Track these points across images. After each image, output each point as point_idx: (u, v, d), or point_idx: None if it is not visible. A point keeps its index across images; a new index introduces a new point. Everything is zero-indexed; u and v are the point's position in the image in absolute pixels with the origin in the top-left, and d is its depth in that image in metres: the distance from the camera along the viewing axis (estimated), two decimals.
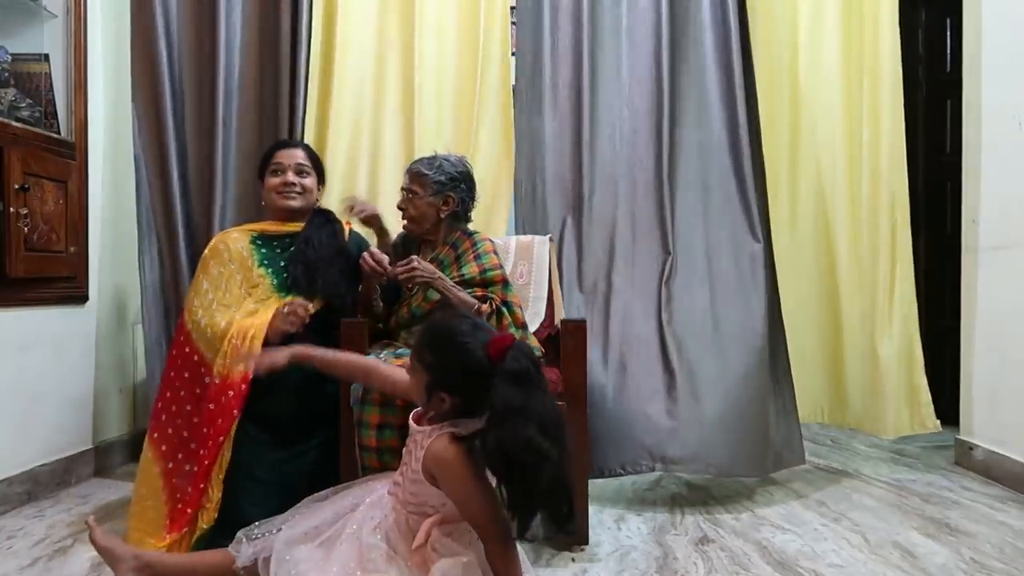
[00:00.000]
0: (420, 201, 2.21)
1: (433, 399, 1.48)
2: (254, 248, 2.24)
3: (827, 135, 2.99)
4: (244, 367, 1.95)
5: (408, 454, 1.55)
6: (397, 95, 2.88)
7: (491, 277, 2.18)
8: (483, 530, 1.43)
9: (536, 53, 2.75)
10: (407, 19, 2.86)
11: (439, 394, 1.47)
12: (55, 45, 2.60)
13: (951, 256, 3.14)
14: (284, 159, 2.30)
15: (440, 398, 1.47)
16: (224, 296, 2.16)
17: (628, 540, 2.11)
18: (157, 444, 2.08)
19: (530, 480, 1.32)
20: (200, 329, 2.10)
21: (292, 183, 2.28)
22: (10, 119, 2.36)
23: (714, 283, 2.58)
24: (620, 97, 2.71)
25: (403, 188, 2.25)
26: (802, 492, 2.56)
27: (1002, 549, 2.01)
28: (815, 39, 3.01)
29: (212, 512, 1.90)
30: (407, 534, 1.48)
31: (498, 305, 2.13)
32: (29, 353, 2.44)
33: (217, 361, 2.02)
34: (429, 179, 2.20)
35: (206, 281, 2.18)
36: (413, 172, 2.24)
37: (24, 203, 2.33)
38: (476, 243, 2.25)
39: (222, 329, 2.06)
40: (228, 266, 2.20)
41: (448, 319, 1.57)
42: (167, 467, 2.04)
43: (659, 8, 2.70)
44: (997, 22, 2.75)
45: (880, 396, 2.86)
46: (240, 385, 1.97)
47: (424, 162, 2.25)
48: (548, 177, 2.71)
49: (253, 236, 2.27)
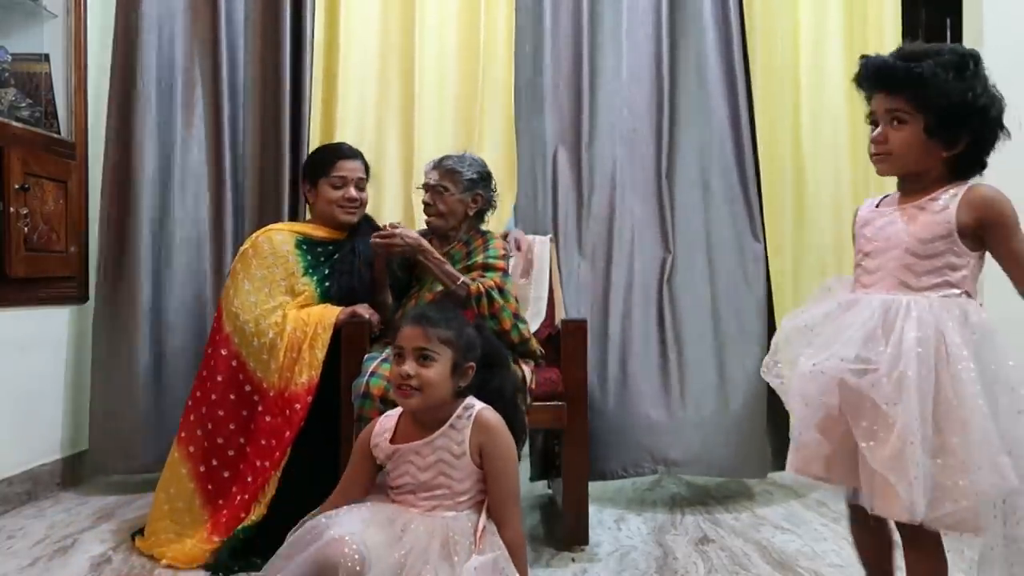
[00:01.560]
0: (451, 198, 2.20)
1: (459, 373, 1.50)
2: (299, 253, 2.21)
3: (830, 136, 2.99)
4: (307, 378, 1.99)
5: (426, 469, 1.49)
6: (398, 95, 2.87)
7: (492, 264, 2.17)
8: (509, 507, 1.46)
9: (536, 53, 2.75)
10: (408, 19, 2.86)
11: (468, 366, 1.51)
12: (55, 45, 2.60)
13: None
14: (347, 172, 2.26)
15: (468, 368, 1.51)
16: (267, 300, 2.13)
17: (628, 540, 2.11)
18: (185, 445, 2.08)
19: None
20: (245, 336, 2.09)
21: (355, 199, 2.27)
22: (10, 119, 2.36)
23: (715, 282, 2.58)
24: (620, 97, 2.71)
25: (431, 184, 2.21)
26: (802, 492, 2.56)
27: None
28: (818, 40, 3.00)
29: (263, 508, 1.92)
30: (469, 533, 1.46)
31: (489, 288, 2.08)
32: (29, 353, 2.44)
33: (271, 371, 2.03)
34: (462, 176, 2.20)
35: (247, 281, 2.15)
36: (445, 168, 2.21)
37: (24, 203, 2.33)
38: (488, 240, 2.25)
39: (270, 340, 2.05)
40: (272, 270, 2.17)
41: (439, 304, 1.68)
42: (199, 470, 2.05)
43: (659, 8, 2.70)
44: (997, 22, 2.74)
45: None
46: (305, 397, 1.99)
47: (455, 159, 2.24)
48: (548, 177, 2.71)
49: (299, 240, 2.24)
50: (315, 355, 2.03)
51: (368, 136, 2.85)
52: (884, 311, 1.25)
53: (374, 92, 2.86)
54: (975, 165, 1.32)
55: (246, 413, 2.06)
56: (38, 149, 2.42)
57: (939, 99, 1.24)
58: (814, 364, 1.26)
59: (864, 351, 1.22)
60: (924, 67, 1.25)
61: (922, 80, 1.24)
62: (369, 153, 2.83)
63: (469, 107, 2.84)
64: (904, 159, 1.29)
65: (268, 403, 2.02)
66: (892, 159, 1.30)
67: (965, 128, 1.26)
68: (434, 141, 2.79)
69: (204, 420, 2.07)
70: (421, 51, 2.84)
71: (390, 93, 2.87)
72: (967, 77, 1.27)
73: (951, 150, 1.27)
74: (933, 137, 1.26)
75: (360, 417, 1.91)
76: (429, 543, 1.43)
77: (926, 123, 1.25)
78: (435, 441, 1.49)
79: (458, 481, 1.48)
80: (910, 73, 1.25)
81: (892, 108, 1.27)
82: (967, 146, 1.28)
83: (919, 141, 1.27)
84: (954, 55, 1.29)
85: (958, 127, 1.25)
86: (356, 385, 1.94)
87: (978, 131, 1.27)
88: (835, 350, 1.24)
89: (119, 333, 2.54)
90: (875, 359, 1.21)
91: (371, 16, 2.86)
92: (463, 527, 1.45)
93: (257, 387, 2.06)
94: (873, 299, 1.29)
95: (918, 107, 1.25)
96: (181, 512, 2.02)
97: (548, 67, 2.73)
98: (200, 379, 2.12)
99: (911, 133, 1.26)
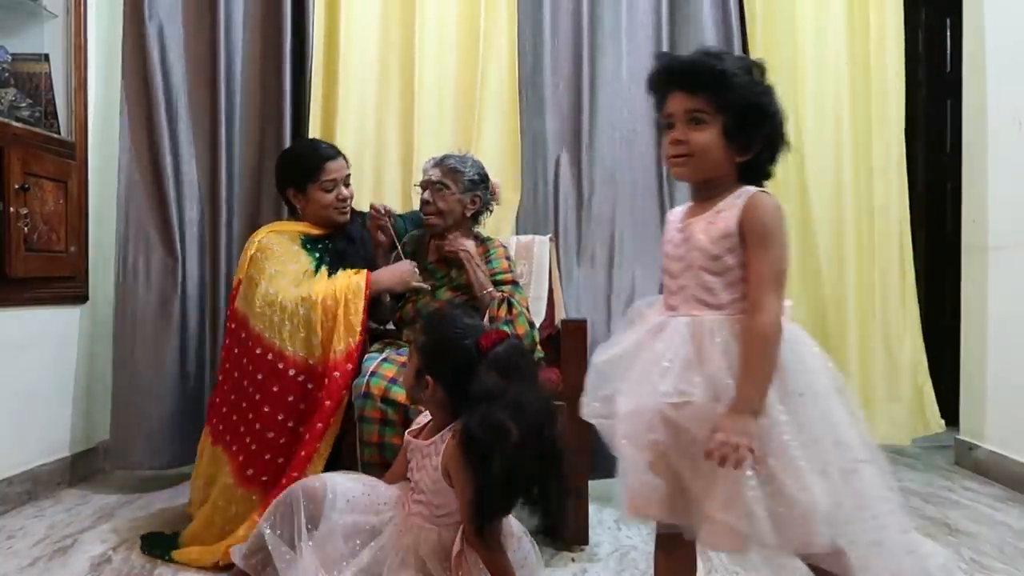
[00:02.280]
0: (451, 197, 2.20)
1: (420, 383, 1.49)
2: (307, 252, 2.22)
3: (831, 136, 2.99)
4: (345, 346, 1.97)
5: (419, 471, 1.53)
6: (398, 96, 2.87)
7: (501, 280, 2.19)
8: (469, 524, 1.42)
9: (536, 53, 2.75)
10: (408, 20, 2.85)
11: (426, 378, 1.48)
12: (55, 45, 2.59)
13: (951, 256, 3.14)
14: (336, 173, 2.25)
15: (426, 382, 1.48)
16: (287, 288, 2.07)
17: (628, 540, 2.11)
18: (221, 435, 2.04)
19: (492, 462, 1.33)
20: (274, 324, 2.01)
21: (347, 198, 2.27)
22: (10, 119, 2.36)
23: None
24: (620, 97, 2.71)
25: (432, 181, 2.21)
26: None
27: (1002, 549, 2.01)
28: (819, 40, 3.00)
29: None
30: (440, 551, 1.46)
31: (507, 296, 2.12)
32: (29, 353, 2.44)
33: (315, 346, 1.99)
34: (463, 176, 2.21)
35: (263, 281, 2.08)
36: (448, 167, 2.22)
37: (24, 203, 2.33)
38: (489, 249, 2.25)
39: (303, 316, 2.00)
40: (286, 264, 2.14)
41: (449, 309, 1.59)
42: (238, 459, 1.98)
43: (659, 8, 2.70)
44: (998, 22, 2.74)
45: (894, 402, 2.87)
46: (344, 364, 1.97)
47: (456, 159, 2.24)
48: (548, 177, 2.71)
49: (303, 239, 2.24)
50: (350, 321, 2.00)
51: (368, 136, 2.85)
52: (692, 334, 1.19)
53: (374, 93, 2.86)
54: (762, 175, 1.28)
55: (292, 398, 1.98)
56: (38, 149, 2.42)
57: (738, 100, 1.21)
58: (634, 401, 1.20)
59: (680, 382, 1.16)
60: (727, 66, 1.22)
61: (724, 80, 1.21)
62: (369, 153, 2.86)
63: (469, 107, 2.84)
64: (703, 161, 1.23)
65: (316, 377, 1.98)
66: (693, 161, 1.24)
67: (760, 133, 1.23)
68: (434, 141, 2.78)
69: (234, 406, 2.03)
70: (421, 52, 2.83)
71: (390, 94, 2.87)
72: (760, 82, 1.25)
73: (744, 155, 1.24)
74: (730, 139, 1.22)
75: (361, 417, 1.91)
76: (398, 541, 1.46)
77: (725, 124, 1.21)
78: (432, 447, 1.49)
79: (433, 494, 1.48)
80: (713, 72, 1.22)
81: (692, 108, 1.22)
82: (758, 153, 1.24)
83: (718, 143, 1.22)
84: (745, 61, 1.28)
85: (754, 131, 1.22)
86: (356, 385, 1.94)
87: (770, 138, 1.24)
88: (653, 382, 1.18)
89: (143, 331, 2.55)
90: (691, 390, 1.15)
91: (371, 17, 2.86)
92: (432, 543, 1.45)
93: (303, 367, 1.99)
94: (679, 322, 1.22)
95: (718, 108, 1.21)
96: (230, 504, 1.96)
97: (548, 67, 2.73)
98: (223, 370, 2.10)
99: (711, 134, 1.22)
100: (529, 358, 1.46)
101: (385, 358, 2.01)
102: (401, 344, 2.15)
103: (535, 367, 1.47)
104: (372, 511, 1.52)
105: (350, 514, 1.48)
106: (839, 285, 2.98)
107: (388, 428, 1.89)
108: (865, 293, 2.92)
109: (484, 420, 1.35)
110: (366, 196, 2.82)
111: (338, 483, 1.52)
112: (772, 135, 1.25)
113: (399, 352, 2.06)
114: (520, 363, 1.44)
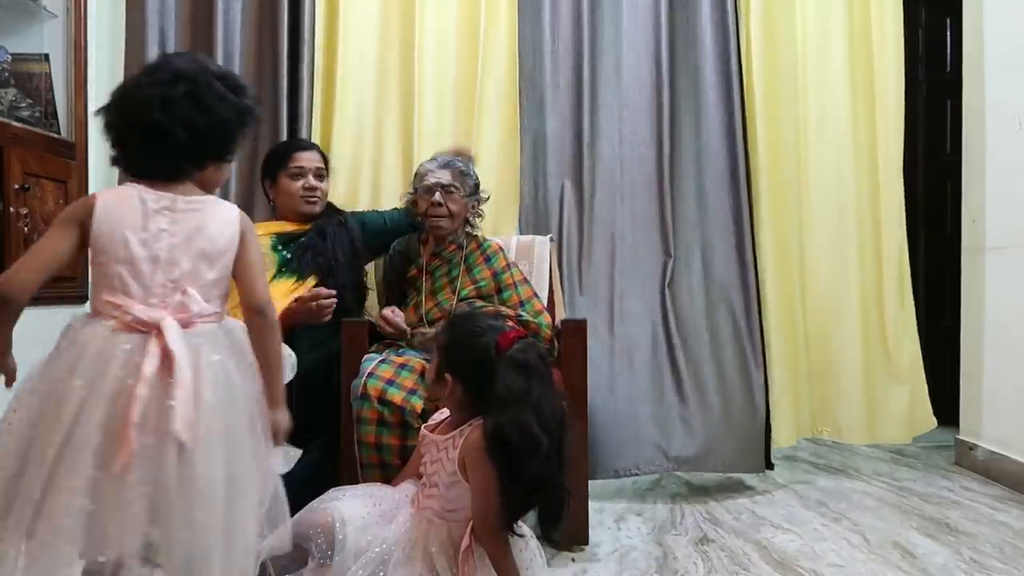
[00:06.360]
0: (461, 199, 2.22)
1: (440, 380, 1.50)
2: (276, 255, 2.20)
3: (832, 135, 2.99)
4: None
5: (434, 463, 1.52)
6: (398, 96, 2.88)
7: (503, 281, 2.19)
8: (482, 520, 1.42)
9: (536, 53, 2.75)
10: (407, 20, 2.85)
11: (446, 376, 1.49)
12: (55, 45, 2.59)
13: (951, 256, 3.14)
14: (304, 163, 2.26)
15: (445, 380, 1.49)
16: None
17: (628, 540, 2.11)
18: None
19: (522, 468, 1.35)
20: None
21: (314, 187, 2.27)
22: (10, 119, 2.36)
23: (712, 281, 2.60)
24: (620, 97, 2.71)
25: (443, 184, 2.20)
26: (802, 492, 2.56)
27: (1002, 549, 2.01)
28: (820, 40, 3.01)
29: None
30: (449, 546, 1.45)
31: (518, 314, 2.11)
32: (29, 353, 2.43)
33: None
34: (469, 180, 2.25)
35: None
36: (457, 170, 2.23)
37: (24, 203, 2.33)
38: (482, 244, 2.26)
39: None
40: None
41: (474, 309, 1.59)
42: None
43: (659, 9, 2.71)
44: (997, 22, 2.74)
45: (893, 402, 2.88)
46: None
47: (461, 162, 2.27)
48: (548, 177, 2.72)
49: (274, 242, 2.22)
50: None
51: (368, 136, 2.85)
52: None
53: (373, 93, 2.86)
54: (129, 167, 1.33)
55: None
56: (38, 149, 2.42)
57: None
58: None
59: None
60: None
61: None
62: (369, 153, 2.85)
63: (469, 107, 2.84)
64: None
65: None
66: None
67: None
68: (434, 141, 2.78)
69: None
70: (421, 52, 2.84)
71: (389, 94, 2.87)
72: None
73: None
74: None
75: (359, 418, 1.91)
76: (406, 537, 1.45)
77: None
78: (450, 441, 1.49)
79: (447, 488, 1.47)
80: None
81: None
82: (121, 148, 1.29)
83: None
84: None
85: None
86: (354, 386, 1.94)
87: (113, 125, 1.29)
88: None
89: None
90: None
91: (370, 17, 2.86)
92: (441, 539, 1.45)
93: None
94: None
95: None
96: None
97: (548, 67, 2.73)
98: None
99: None
100: (545, 358, 1.47)
101: (383, 360, 2.01)
102: (401, 346, 2.15)
103: (550, 368, 1.48)
104: (386, 520, 1.52)
105: (363, 534, 1.48)
106: (839, 285, 2.98)
107: (385, 429, 1.89)
108: (865, 293, 2.93)
109: (518, 425, 1.35)
110: (366, 196, 2.83)
111: (344, 510, 1.50)
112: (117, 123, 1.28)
113: (398, 353, 2.06)
114: (538, 364, 1.44)
